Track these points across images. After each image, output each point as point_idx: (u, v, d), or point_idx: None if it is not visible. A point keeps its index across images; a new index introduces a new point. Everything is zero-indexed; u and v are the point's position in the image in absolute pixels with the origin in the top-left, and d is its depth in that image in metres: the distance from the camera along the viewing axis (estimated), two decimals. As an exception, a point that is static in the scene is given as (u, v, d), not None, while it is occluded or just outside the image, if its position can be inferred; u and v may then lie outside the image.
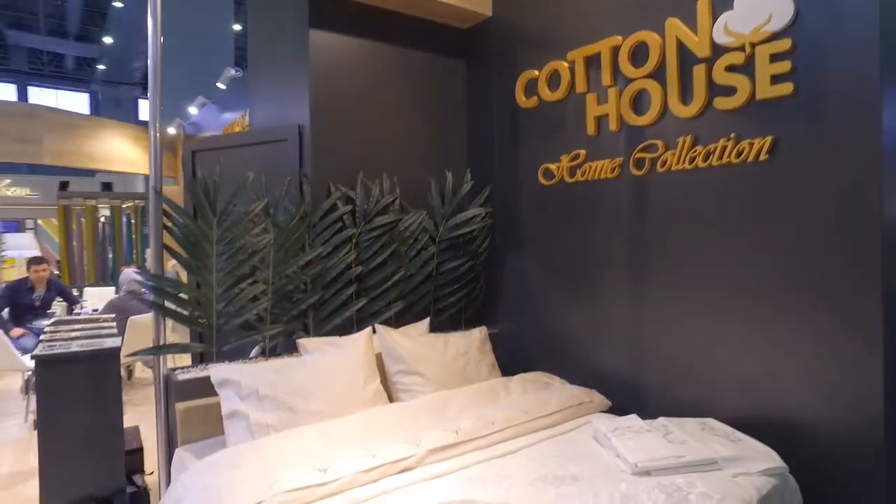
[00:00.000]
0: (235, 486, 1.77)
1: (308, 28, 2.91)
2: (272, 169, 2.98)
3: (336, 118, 3.03)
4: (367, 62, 3.13)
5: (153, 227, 2.47)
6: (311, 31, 2.92)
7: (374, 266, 3.00)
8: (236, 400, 2.27)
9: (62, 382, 2.43)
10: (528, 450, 2.14)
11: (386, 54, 3.20)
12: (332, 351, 2.54)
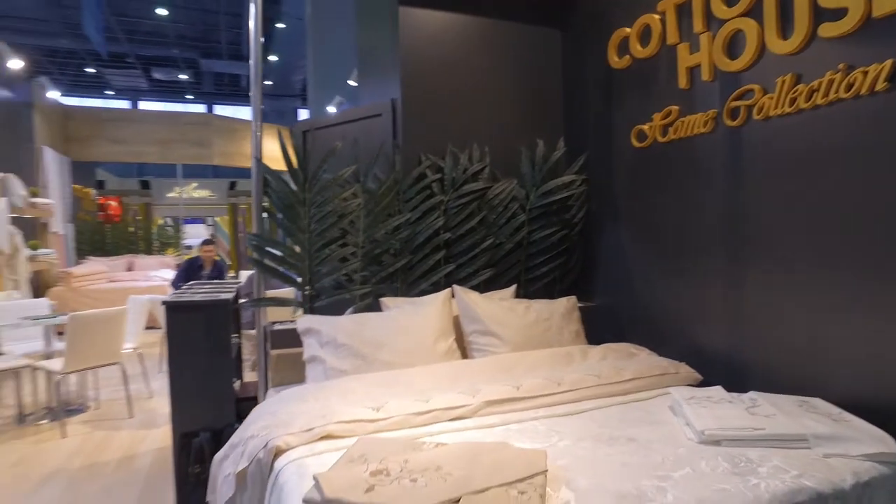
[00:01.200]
0: (295, 414, 1.92)
1: (398, 5, 3.04)
2: (369, 143, 3.15)
3: (427, 91, 3.12)
4: (457, 35, 3.19)
5: (255, 191, 2.75)
6: (401, 9, 3.05)
7: (462, 233, 3.04)
8: (316, 347, 2.45)
9: (184, 326, 2.80)
10: (593, 412, 2.03)
11: (476, 27, 3.22)
12: (409, 308, 2.63)
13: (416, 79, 3.10)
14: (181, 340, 2.82)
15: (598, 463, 1.60)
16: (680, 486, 1.45)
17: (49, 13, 12.73)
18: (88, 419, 4.18)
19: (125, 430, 3.96)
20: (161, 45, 15.47)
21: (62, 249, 8.22)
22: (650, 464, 1.58)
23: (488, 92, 3.24)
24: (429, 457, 1.52)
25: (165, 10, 13.27)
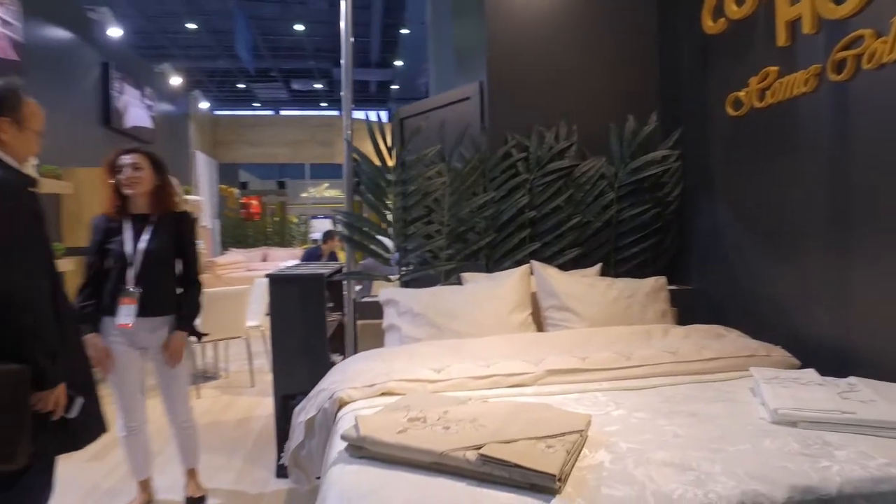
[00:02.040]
0: (361, 371, 2.03)
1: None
2: (459, 126, 3.22)
3: (513, 71, 3.12)
4: (544, 13, 3.15)
5: (346, 172, 2.93)
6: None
7: (547, 211, 3.00)
8: (395, 316, 2.57)
9: (284, 297, 3.06)
10: (662, 389, 1.92)
11: (565, 2, 3.16)
12: (486, 282, 2.66)
13: (502, 59, 3.11)
14: (282, 310, 3.09)
15: (647, 431, 1.52)
16: (732, 459, 1.33)
17: (210, 39, 14.40)
18: (218, 385, 4.70)
19: (246, 396, 4.39)
20: (299, 58, 16.82)
21: (209, 241, 9.32)
22: (706, 437, 1.47)
23: (577, 69, 3.17)
24: (469, 410, 1.54)
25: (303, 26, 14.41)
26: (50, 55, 5.10)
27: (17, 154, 1.76)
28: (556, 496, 1.19)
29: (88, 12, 5.76)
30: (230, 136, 10.63)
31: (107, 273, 2.42)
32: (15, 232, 1.62)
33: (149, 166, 2.46)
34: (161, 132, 7.42)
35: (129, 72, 6.48)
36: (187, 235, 2.56)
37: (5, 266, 1.56)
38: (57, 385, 1.63)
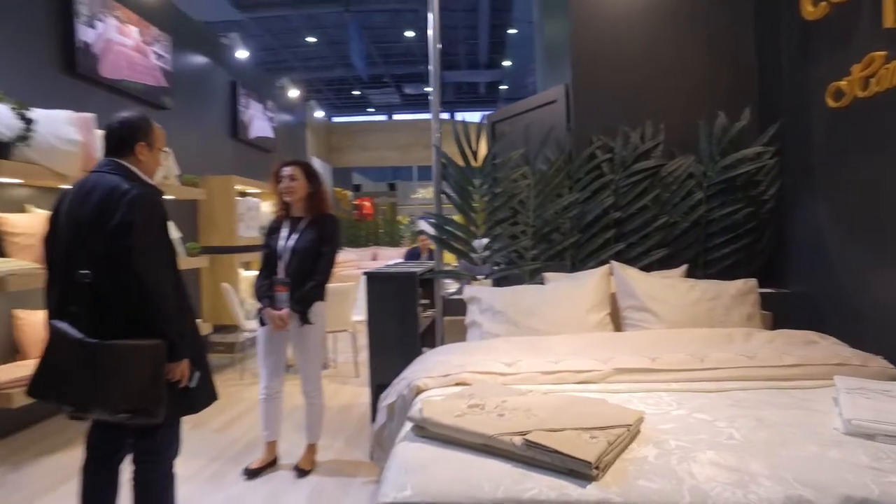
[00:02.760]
0: (439, 363, 2.20)
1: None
2: (545, 129, 3.30)
3: (598, 72, 3.14)
4: (631, 11, 3.13)
5: (435, 175, 3.12)
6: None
7: (632, 212, 3.00)
8: (477, 313, 2.71)
9: (379, 292, 3.31)
10: (735, 393, 1.88)
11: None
12: (566, 282, 2.72)
13: (586, 60, 3.15)
14: (378, 306, 3.35)
15: (702, 432, 1.54)
16: (785, 465, 1.32)
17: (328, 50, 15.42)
18: (328, 374, 5.12)
19: (351, 385, 4.75)
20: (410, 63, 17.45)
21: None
22: (764, 442, 1.46)
23: (664, 67, 3.12)
24: (526, 401, 1.65)
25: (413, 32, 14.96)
26: (190, 78, 5.83)
27: (149, 171, 2.13)
28: (592, 482, 1.27)
29: (221, 38, 6.50)
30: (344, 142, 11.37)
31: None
32: (157, 234, 1.97)
33: (303, 176, 2.85)
34: (280, 140, 8.14)
35: (253, 87, 7.20)
36: (326, 235, 2.85)
37: (152, 263, 1.91)
38: (183, 359, 1.96)
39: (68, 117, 3.59)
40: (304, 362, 2.91)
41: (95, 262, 1.91)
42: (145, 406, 1.85)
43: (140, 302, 1.87)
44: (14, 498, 2.70)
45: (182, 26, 5.70)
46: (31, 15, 3.84)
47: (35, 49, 3.86)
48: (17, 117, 3.25)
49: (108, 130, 2.11)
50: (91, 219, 1.93)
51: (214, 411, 3.92)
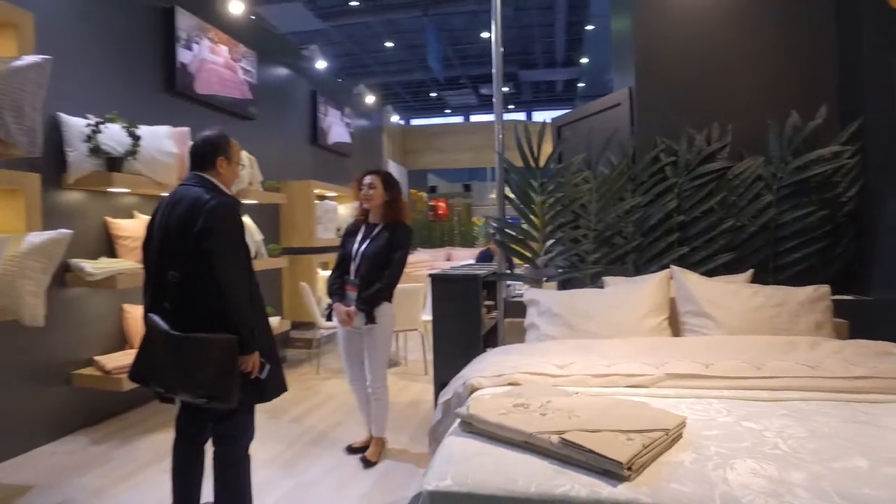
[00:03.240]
0: (495, 363, 2.28)
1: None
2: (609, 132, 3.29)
3: (663, 74, 3.11)
4: (698, 10, 3.07)
5: (498, 181, 3.20)
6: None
7: (697, 215, 2.94)
8: (535, 315, 2.77)
9: (444, 294, 3.44)
10: (792, 403, 1.83)
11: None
12: (625, 286, 2.72)
13: (650, 62, 3.12)
14: (442, 306, 3.48)
15: (747, 440, 1.53)
16: (829, 478, 1.30)
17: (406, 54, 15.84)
18: (398, 371, 5.32)
19: (419, 383, 4.91)
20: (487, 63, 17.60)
21: (400, 241, 10.36)
22: (811, 454, 1.43)
23: (732, 66, 3.04)
24: (570, 402, 1.70)
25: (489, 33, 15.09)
26: (273, 89, 6.22)
27: (228, 182, 2.36)
28: (624, 483, 1.31)
29: (302, 51, 6.88)
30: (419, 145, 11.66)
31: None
32: (233, 239, 2.19)
33: (381, 185, 3.05)
34: (357, 145, 8.48)
35: (332, 95, 7.56)
36: (396, 243, 3.02)
37: (228, 264, 2.12)
38: (254, 352, 2.16)
39: (167, 132, 3.98)
40: (370, 360, 3.08)
41: (182, 263, 2.15)
42: (220, 392, 2.07)
43: (217, 299, 2.09)
44: (122, 470, 3.05)
45: (266, 42, 6.09)
46: (140, 41, 4.28)
47: (142, 71, 4.30)
48: (127, 135, 3.65)
49: (192, 147, 2.36)
50: (178, 225, 2.17)
51: (291, 403, 4.20)
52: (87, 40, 3.82)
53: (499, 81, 3.37)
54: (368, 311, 2.96)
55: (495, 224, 3.24)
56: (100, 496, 2.78)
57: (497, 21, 3.33)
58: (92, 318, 3.76)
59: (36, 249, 2.86)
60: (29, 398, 3.34)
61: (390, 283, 2.97)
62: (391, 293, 3.01)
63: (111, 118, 3.64)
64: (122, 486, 2.87)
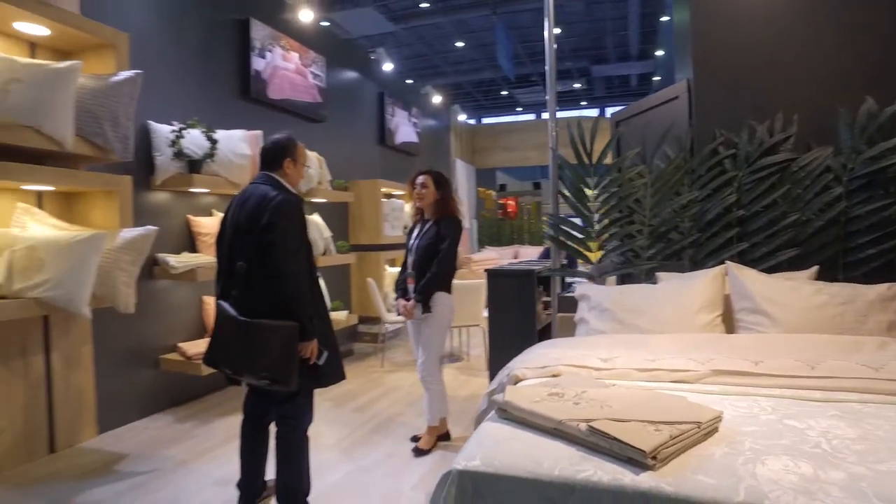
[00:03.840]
0: (540, 355, 2.32)
1: (688, -20, 3.03)
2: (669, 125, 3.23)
3: (722, 64, 3.01)
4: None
5: (552, 177, 3.21)
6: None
7: (758, 209, 2.84)
8: (586, 310, 2.77)
9: (499, 289, 3.50)
10: (847, 405, 1.75)
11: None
12: (678, 282, 2.67)
13: (710, 53, 3.03)
14: (498, 301, 3.54)
15: (787, 437, 1.50)
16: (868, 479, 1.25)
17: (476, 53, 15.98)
18: (460, 366, 5.41)
19: (479, 378, 4.98)
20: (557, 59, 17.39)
21: (466, 240, 10.46)
22: (856, 454, 1.38)
23: (798, 51, 2.90)
24: (606, 392, 1.72)
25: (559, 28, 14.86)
26: (342, 92, 6.48)
27: (294, 182, 2.53)
28: (647, 471, 1.33)
29: (370, 54, 7.12)
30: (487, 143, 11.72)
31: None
32: (296, 233, 2.35)
33: (432, 184, 3.21)
34: (425, 144, 8.66)
35: (399, 96, 7.76)
36: (443, 234, 3.14)
37: (290, 256, 2.29)
38: (313, 339, 2.31)
39: (241, 135, 4.27)
40: (423, 347, 3.20)
41: (249, 255, 2.34)
42: (281, 375, 2.23)
43: (279, 288, 2.26)
44: (202, 445, 3.34)
45: (335, 47, 6.36)
46: (219, 52, 4.61)
47: (220, 80, 4.63)
48: (206, 139, 3.96)
49: (263, 149, 2.55)
50: (247, 220, 2.36)
51: (355, 393, 4.39)
52: (172, 54, 4.17)
53: (552, 79, 3.38)
54: (424, 301, 3.08)
55: (550, 220, 3.26)
56: (183, 467, 3.05)
57: (550, 20, 3.34)
58: (176, 308, 4.10)
59: (128, 244, 3.17)
60: (124, 379, 3.70)
61: (439, 270, 3.07)
62: (444, 282, 3.11)
63: (192, 124, 3.96)
64: (201, 460, 3.13)
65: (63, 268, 2.89)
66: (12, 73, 2.78)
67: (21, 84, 2.79)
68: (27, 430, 3.16)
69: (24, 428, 3.14)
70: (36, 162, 3.12)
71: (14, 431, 3.09)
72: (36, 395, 3.21)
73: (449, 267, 3.11)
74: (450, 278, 3.14)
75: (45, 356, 3.27)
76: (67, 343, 3.38)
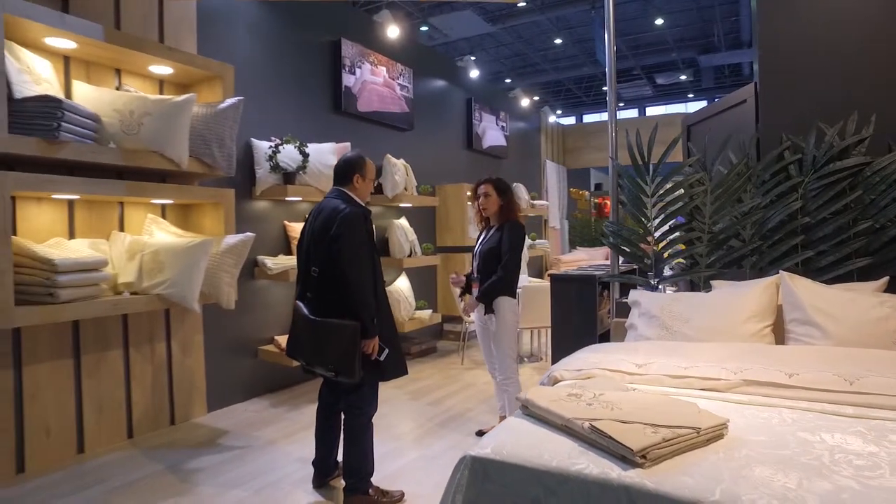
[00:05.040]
0: (580, 359, 2.44)
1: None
2: (737, 129, 3.18)
3: (790, 66, 2.92)
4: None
5: (611, 183, 3.28)
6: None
7: (825, 216, 2.74)
8: (636, 315, 2.83)
9: (562, 292, 3.61)
10: (877, 423, 1.71)
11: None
12: (729, 289, 2.66)
13: (776, 52, 2.95)
14: (560, 305, 3.66)
15: (791, 448, 1.54)
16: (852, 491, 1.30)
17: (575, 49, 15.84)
18: (537, 367, 5.53)
19: (555, 376, 5.08)
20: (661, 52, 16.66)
21: (557, 241, 10.40)
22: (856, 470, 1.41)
23: (877, 46, 2.74)
24: (620, 396, 1.84)
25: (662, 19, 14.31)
26: (429, 100, 6.81)
27: (363, 196, 2.83)
28: (635, 468, 1.45)
29: (457, 62, 7.39)
30: (578, 143, 11.60)
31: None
32: (361, 242, 2.65)
33: (494, 192, 3.41)
34: (513, 147, 8.79)
35: (487, 101, 7.96)
36: (504, 239, 3.32)
37: (355, 263, 2.59)
38: (374, 336, 2.59)
39: (330, 148, 4.69)
40: (496, 352, 3.40)
41: (321, 261, 2.67)
42: (344, 368, 2.54)
43: (344, 291, 2.57)
44: (290, 428, 3.78)
45: (422, 58, 6.69)
46: (313, 72, 5.09)
47: (314, 97, 5.11)
48: (298, 153, 4.42)
49: (335, 166, 2.88)
50: (319, 230, 2.70)
51: (433, 387, 4.68)
52: (272, 77, 4.68)
53: (612, 82, 3.43)
54: (484, 303, 3.28)
55: (608, 227, 3.32)
56: (272, 445, 3.49)
57: (610, 22, 3.39)
58: (273, 304, 4.61)
59: (230, 249, 3.66)
60: (228, 366, 4.25)
61: (502, 276, 3.25)
62: (507, 286, 3.27)
63: (287, 140, 4.43)
64: (287, 441, 3.56)
65: (178, 269, 3.41)
66: (145, 108, 3.34)
67: (151, 117, 3.33)
68: (154, 404, 3.75)
69: (152, 402, 3.74)
70: (160, 180, 3.71)
71: (144, 404, 3.69)
72: (160, 375, 3.81)
73: (513, 271, 3.28)
74: (513, 283, 3.31)
75: (167, 343, 3.86)
76: (183, 333, 3.95)
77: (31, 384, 3.18)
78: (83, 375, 3.41)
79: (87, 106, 3.21)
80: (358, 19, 5.75)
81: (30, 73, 3.06)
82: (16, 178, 2.82)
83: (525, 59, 16.23)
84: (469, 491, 1.63)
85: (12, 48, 3.01)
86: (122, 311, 3.29)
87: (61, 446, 3.30)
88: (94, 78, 3.51)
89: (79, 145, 3.03)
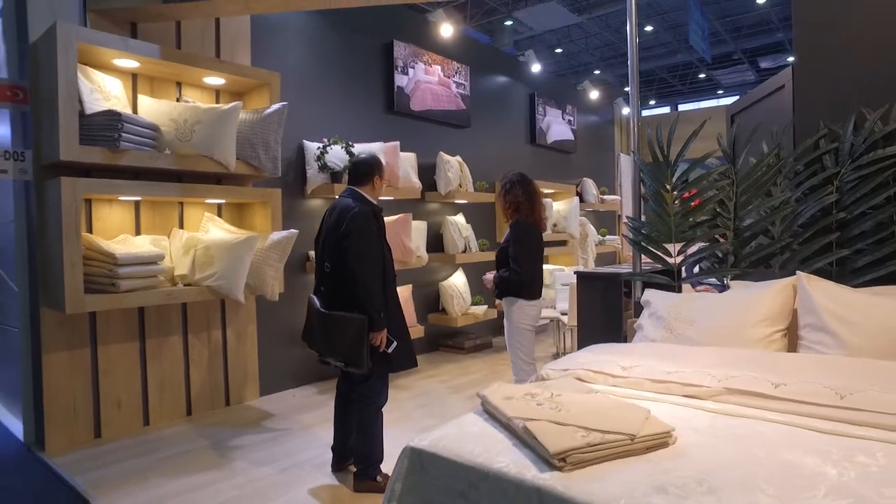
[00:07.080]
0: (571, 359, 2.40)
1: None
2: (775, 118, 2.96)
3: (830, 45, 2.65)
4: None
5: (634, 178, 3.16)
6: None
7: (863, 211, 2.48)
8: (645, 316, 2.73)
9: (587, 290, 3.52)
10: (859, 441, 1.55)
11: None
12: (742, 290, 2.49)
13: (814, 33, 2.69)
14: (585, 303, 3.57)
15: (729, 459, 1.45)
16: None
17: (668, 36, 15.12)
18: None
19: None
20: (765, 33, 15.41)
21: (632, 235, 10.03)
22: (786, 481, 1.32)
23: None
24: (574, 398, 1.81)
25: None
26: (488, 97, 6.80)
27: (376, 195, 2.95)
28: (554, 471, 1.45)
29: (518, 57, 7.32)
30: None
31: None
32: (369, 239, 2.76)
33: (498, 191, 3.47)
34: (582, 141, 8.54)
35: (551, 95, 7.80)
36: (509, 239, 3.38)
37: (364, 260, 2.71)
38: (381, 329, 2.70)
39: (379, 147, 4.86)
40: (510, 353, 3.42)
41: (333, 257, 2.82)
42: (353, 359, 2.67)
43: (353, 286, 2.70)
44: (328, 415, 3.97)
45: (479, 55, 6.70)
46: (365, 73, 5.29)
47: (367, 98, 5.31)
48: (345, 153, 4.63)
49: (353, 167, 3.02)
50: (332, 227, 2.85)
51: (477, 382, 4.73)
52: (324, 79, 4.92)
53: (635, 75, 3.27)
54: (497, 295, 3.34)
55: (629, 224, 3.19)
56: (307, 430, 3.72)
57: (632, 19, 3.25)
58: (324, 297, 4.87)
59: (274, 245, 3.93)
60: (279, 354, 4.55)
61: (509, 276, 3.25)
62: (517, 287, 3.27)
63: (335, 140, 4.66)
64: (322, 426, 3.77)
65: (225, 263, 3.72)
66: (197, 117, 3.67)
67: (201, 124, 3.66)
68: (210, 385, 4.12)
69: (209, 384, 4.11)
70: (216, 182, 4.05)
71: (201, 386, 4.07)
72: (216, 360, 4.17)
73: (521, 272, 3.25)
74: (525, 284, 3.28)
75: (223, 331, 4.22)
76: (238, 322, 4.29)
77: (105, 361, 3.62)
78: (147, 357, 3.82)
79: (148, 117, 3.59)
80: (411, 20, 5.88)
81: (101, 92, 3.47)
82: (86, 183, 3.23)
83: (615, 48, 15.67)
84: (408, 479, 1.69)
85: (86, 71, 3.43)
86: (175, 301, 3.65)
87: (130, 418, 3.72)
88: (158, 91, 3.91)
89: (138, 152, 3.39)
